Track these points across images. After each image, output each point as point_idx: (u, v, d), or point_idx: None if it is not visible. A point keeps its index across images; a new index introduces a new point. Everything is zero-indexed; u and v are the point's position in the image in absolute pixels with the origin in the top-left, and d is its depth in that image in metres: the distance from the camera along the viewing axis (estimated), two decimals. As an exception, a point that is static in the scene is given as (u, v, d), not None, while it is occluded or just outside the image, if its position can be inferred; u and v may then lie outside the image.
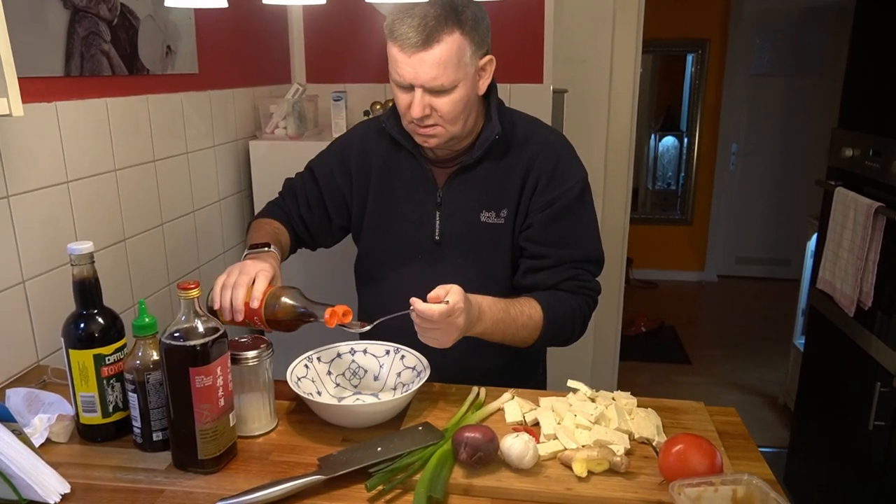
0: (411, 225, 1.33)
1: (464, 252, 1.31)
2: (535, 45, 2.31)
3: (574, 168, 1.31)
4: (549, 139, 1.33)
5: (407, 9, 1.14)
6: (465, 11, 1.14)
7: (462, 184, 1.31)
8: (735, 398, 3.39)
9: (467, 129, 1.27)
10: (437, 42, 1.13)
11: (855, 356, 2.03)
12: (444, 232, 1.32)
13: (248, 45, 2.09)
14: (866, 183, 2.02)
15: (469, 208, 1.31)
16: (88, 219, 1.39)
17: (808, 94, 4.73)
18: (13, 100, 0.87)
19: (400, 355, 1.19)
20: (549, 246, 1.28)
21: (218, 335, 0.93)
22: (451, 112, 1.20)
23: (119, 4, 1.46)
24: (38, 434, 0.99)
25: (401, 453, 0.96)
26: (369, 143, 1.38)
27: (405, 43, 1.14)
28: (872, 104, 2.06)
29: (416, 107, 1.18)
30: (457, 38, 1.14)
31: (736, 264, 5.23)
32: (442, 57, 1.14)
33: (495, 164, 1.29)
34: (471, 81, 1.20)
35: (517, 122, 1.33)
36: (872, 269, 1.88)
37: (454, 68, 1.15)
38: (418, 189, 1.33)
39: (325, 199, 1.41)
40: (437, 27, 1.12)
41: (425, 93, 1.17)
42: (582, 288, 1.30)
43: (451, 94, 1.18)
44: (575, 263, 1.30)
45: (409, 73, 1.16)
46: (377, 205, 1.36)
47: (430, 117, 1.20)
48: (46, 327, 1.28)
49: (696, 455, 0.89)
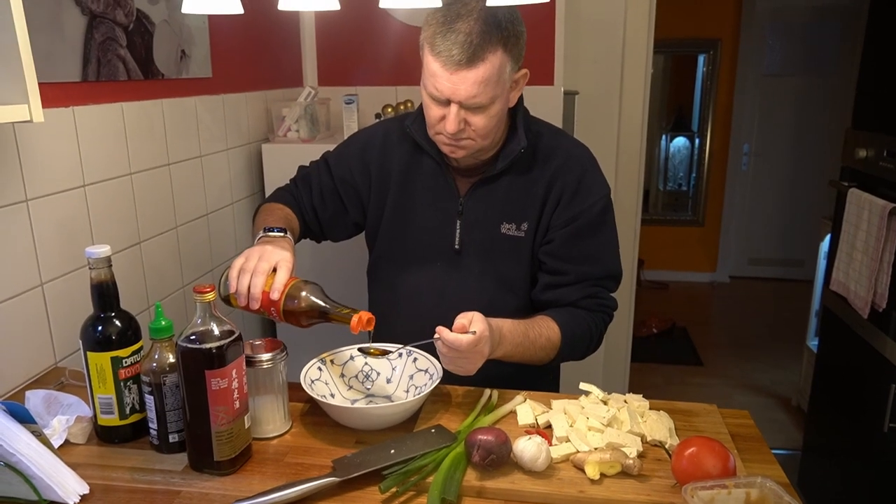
0: (431, 232, 1.32)
1: (483, 262, 1.31)
2: (547, 47, 2.32)
3: (598, 183, 1.30)
4: (574, 152, 1.32)
5: (449, 21, 1.10)
6: (507, 27, 1.12)
7: (484, 194, 1.30)
8: (748, 400, 3.38)
9: (496, 141, 1.26)
10: (481, 61, 1.10)
11: (869, 358, 2.01)
12: (464, 241, 1.31)
13: (260, 49, 2.11)
14: (881, 184, 2.01)
15: (490, 219, 1.30)
16: (105, 222, 1.40)
17: (821, 94, 4.70)
18: (34, 106, 0.88)
19: (412, 358, 1.20)
20: (569, 262, 1.28)
21: (233, 338, 0.94)
22: (486, 127, 1.18)
23: (135, 10, 1.47)
24: (56, 435, 1.01)
25: (414, 455, 0.97)
26: (392, 145, 1.36)
27: (449, 60, 1.10)
28: (886, 104, 2.05)
29: (452, 122, 1.16)
30: (499, 56, 1.12)
31: (748, 265, 5.20)
32: (485, 76, 1.12)
33: (519, 176, 1.28)
34: (506, 96, 1.19)
35: (543, 132, 1.32)
36: (887, 271, 1.87)
37: (494, 86, 1.14)
38: (440, 196, 1.32)
39: (341, 193, 1.39)
40: (482, 45, 1.09)
41: (461, 108, 1.15)
42: (600, 306, 1.31)
43: (487, 109, 1.16)
44: (595, 281, 1.30)
45: (448, 88, 1.13)
46: (396, 208, 1.35)
47: (464, 132, 1.18)
48: (64, 329, 1.29)
49: (708, 458, 0.89)
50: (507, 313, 1.22)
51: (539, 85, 2.33)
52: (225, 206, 1.92)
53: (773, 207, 5.02)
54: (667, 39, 4.31)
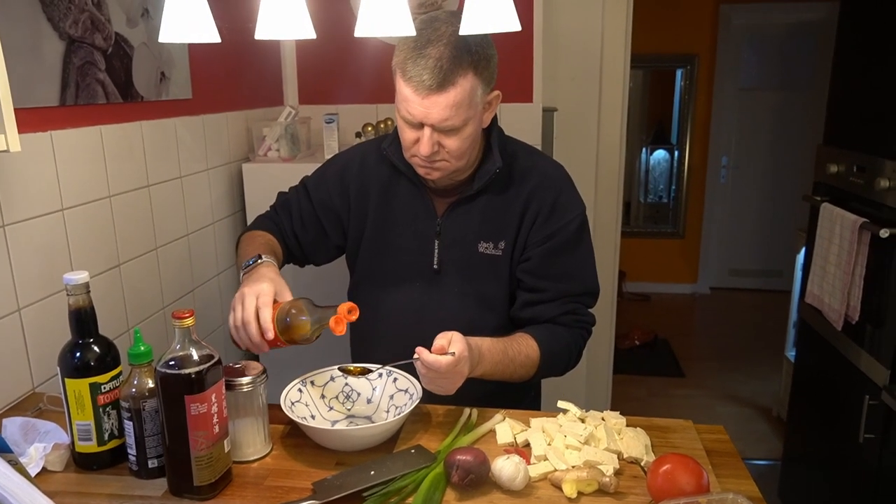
0: (410, 252, 1.34)
1: (462, 281, 1.33)
2: (525, 64, 2.35)
3: (573, 202, 1.32)
4: (549, 172, 1.34)
5: (419, 47, 1.12)
6: (477, 51, 1.14)
7: (462, 214, 1.31)
8: (729, 410, 3.41)
9: (471, 161, 1.28)
10: (452, 85, 1.12)
11: (844, 369, 2.05)
12: (442, 261, 1.33)
13: (241, 70, 2.12)
14: (852, 198, 2.05)
15: (468, 238, 1.32)
16: (83, 245, 1.40)
17: (797, 108, 4.79)
18: (11, 136, 0.89)
19: (392, 378, 1.20)
20: (547, 279, 1.30)
21: (213, 363, 0.94)
22: (459, 149, 1.20)
23: (114, 34, 1.48)
24: (33, 463, 1.00)
25: (394, 476, 0.98)
26: (370, 167, 1.38)
27: (420, 85, 1.12)
28: (856, 121, 2.10)
29: (425, 145, 1.18)
30: (470, 80, 1.14)
31: (728, 276, 5.26)
32: (456, 99, 1.13)
33: (495, 196, 1.30)
34: (479, 118, 1.21)
35: (518, 152, 1.34)
36: (859, 284, 1.91)
37: (466, 109, 1.16)
38: (418, 217, 1.33)
39: (321, 217, 1.40)
40: (452, 69, 1.11)
41: (434, 131, 1.17)
42: (578, 322, 1.33)
43: (460, 132, 1.18)
44: (573, 297, 1.32)
45: (421, 112, 1.15)
46: (375, 230, 1.36)
47: (438, 153, 1.20)
48: (42, 354, 1.29)
49: (683, 475, 0.90)
50: (487, 332, 1.23)
51: (518, 102, 2.36)
52: (206, 225, 1.92)
53: (752, 219, 5.09)
54: (645, 55, 4.38)
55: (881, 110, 1.92)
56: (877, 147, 1.92)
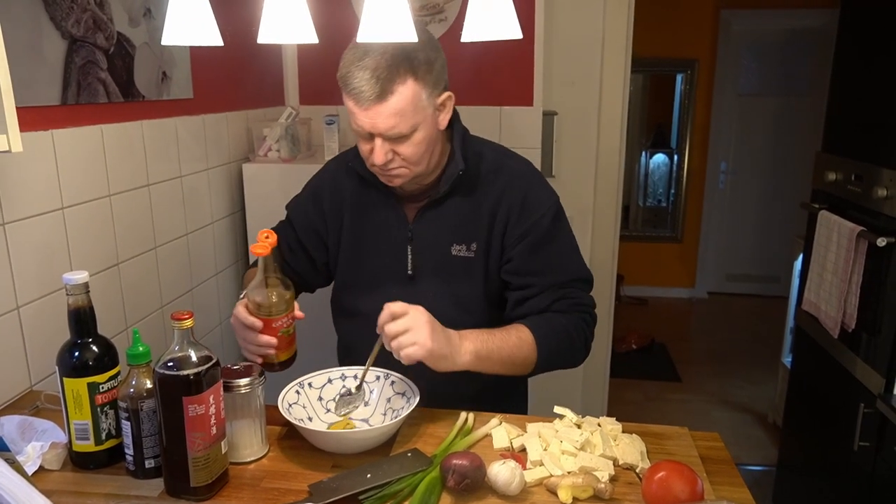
0: (384, 259, 1.34)
1: (437, 285, 1.32)
2: (526, 68, 2.35)
3: (544, 196, 1.32)
4: (517, 170, 1.33)
5: (357, 59, 1.13)
6: (416, 56, 1.13)
7: (432, 218, 1.32)
8: (725, 416, 3.42)
9: (432, 165, 1.27)
10: (391, 94, 1.12)
11: (840, 377, 2.06)
12: (416, 265, 1.33)
13: (242, 70, 2.12)
14: (849, 206, 2.06)
15: (440, 242, 1.32)
16: (83, 244, 1.40)
17: (796, 115, 4.81)
18: (13, 136, 0.89)
19: (390, 381, 1.21)
20: (533, 275, 1.30)
21: (211, 364, 0.95)
22: (415, 154, 1.20)
23: (116, 33, 1.48)
24: (30, 462, 1.00)
25: (390, 480, 0.98)
26: (340, 181, 1.39)
27: (360, 97, 1.13)
28: (854, 129, 2.11)
29: (378, 155, 1.18)
30: (410, 86, 1.13)
31: (726, 281, 5.27)
32: (398, 107, 1.13)
33: (464, 198, 1.30)
34: (430, 121, 1.20)
35: (484, 152, 1.34)
36: (855, 292, 1.92)
37: (411, 115, 1.15)
38: (389, 225, 1.34)
39: (305, 242, 1.41)
40: (389, 78, 1.11)
41: (385, 140, 1.18)
42: (574, 306, 1.31)
43: (411, 138, 1.18)
44: (561, 285, 1.31)
45: (367, 123, 1.16)
46: (351, 240, 1.37)
47: (394, 161, 1.20)
48: (40, 353, 1.29)
49: (677, 482, 0.91)
50: None
51: (518, 106, 2.37)
52: (205, 225, 1.92)
53: (750, 224, 5.10)
54: (645, 59, 4.39)
55: (879, 119, 1.93)
56: (875, 156, 1.93)
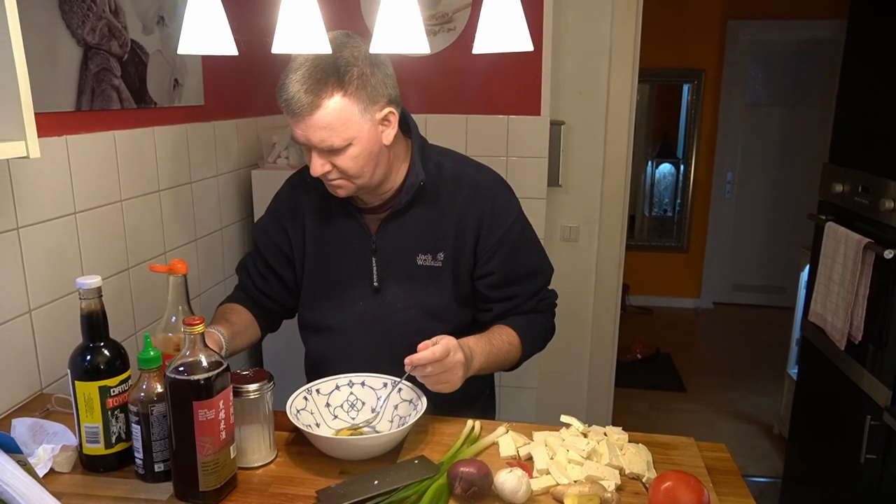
0: (349, 272, 1.33)
1: (404, 295, 1.32)
2: (534, 78, 2.37)
3: (509, 203, 1.34)
4: (480, 178, 1.34)
5: (291, 71, 1.13)
6: (349, 71, 1.12)
7: (395, 229, 1.31)
8: (730, 426, 3.40)
9: (378, 178, 1.25)
10: (318, 108, 1.12)
11: (846, 389, 2.05)
12: (382, 277, 1.32)
13: (252, 77, 2.14)
14: (856, 218, 2.06)
15: (405, 252, 1.31)
16: (94, 249, 1.42)
17: (803, 125, 4.80)
18: (31, 143, 0.90)
19: (398, 388, 1.21)
20: (515, 285, 1.35)
21: (221, 369, 0.96)
22: (352, 168, 1.19)
23: (130, 41, 1.50)
24: (41, 464, 1.01)
25: (397, 487, 0.99)
26: (298, 196, 1.38)
27: (288, 110, 1.14)
28: (862, 141, 2.11)
29: (315, 166, 1.18)
30: (338, 102, 1.12)
31: (732, 291, 5.26)
32: (326, 121, 1.13)
33: (427, 208, 1.30)
34: (368, 136, 1.18)
35: (444, 162, 1.33)
36: (862, 304, 1.91)
37: (343, 129, 1.14)
38: (352, 237, 1.33)
39: (271, 263, 1.39)
40: (316, 92, 1.11)
41: (320, 153, 1.18)
42: (549, 306, 1.43)
43: (346, 151, 1.17)
44: (536, 292, 1.38)
45: (301, 135, 1.16)
46: (314, 255, 1.36)
47: (332, 172, 1.20)
48: (51, 356, 1.30)
49: (684, 492, 0.91)
50: None
51: (526, 115, 2.38)
52: (214, 231, 1.93)
53: (756, 235, 5.10)
54: (652, 69, 4.39)
55: (887, 131, 1.93)
56: (882, 168, 1.93)
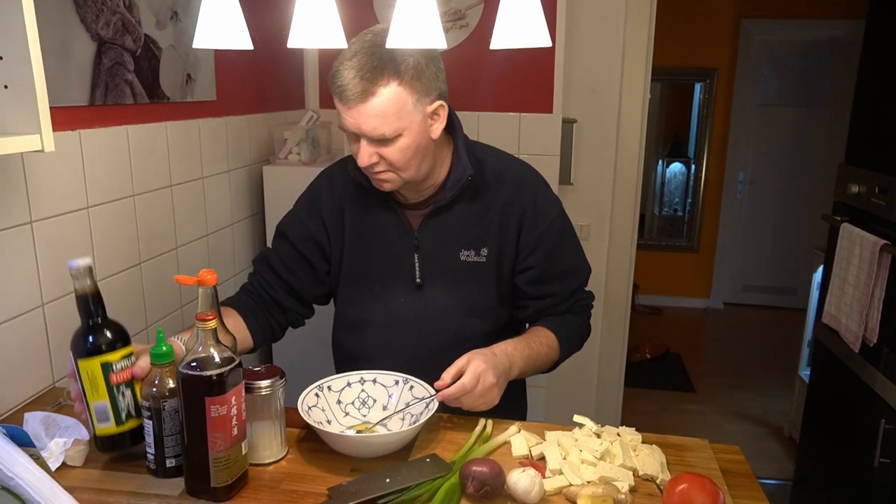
0: (390, 269, 1.33)
1: (446, 292, 1.32)
2: (546, 75, 2.35)
3: (551, 201, 1.35)
4: (522, 175, 1.34)
5: (345, 59, 1.14)
6: (405, 61, 1.12)
7: (438, 225, 1.30)
8: (740, 428, 3.38)
9: (423, 172, 1.24)
10: (372, 95, 1.11)
11: (860, 392, 2.03)
12: (424, 273, 1.32)
13: (264, 73, 2.14)
14: (872, 219, 2.04)
15: (447, 248, 1.31)
16: (106, 243, 1.42)
17: (816, 126, 4.77)
18: (46, 136, 0.90)
19: (409, 386, 1.21)
20: (553, 283, 1.35)
21: (234, 365, 0.95)
22: (400, 160, 1.18)
23: (143, 35, 1.50)
24: (54, 458, 1.01)
25: (409, 485, 0.98)
26: (338, 189, 1.36)
27: (343, 96, 1.13)
28: (879, 142, 2.09)
29: (363, 156, 1.17)
30: (394, 90, 1.12)
31: (742, 292, 5.23)
32: (379, 109, 1.12)
33: (469, 204, 1.30)
34: (418, 129, 1.17)
35: (486, 158, 1.33)
36: (878, 306, 1.89)
37: (395, 118, 1.14)
38: (393, 233, 1.32)
39: (303, 251, 1.36)
40: (372, 80, 1.11)
41: (370, 142, 1.17)
42: (585, 308, 1.43)
43: (396, 142, 1.16)
44: (574, 292, 1.39)
45: (352, 123, 1.15)
46: (353, 251, 1.34)
47: (380, 164, 1.19)
48: (63, 350, 1.30)
49: (699, 495, 0.90)
50: (476, 339, 1.25)
51: (538, 113, 2.37)
52: (225, 226, 1.93)
53: (767, 235, 5.06)
54: (664, 67, 4.37)
55: (905, 132, 1.91)
56: (899, 169, 1.91)
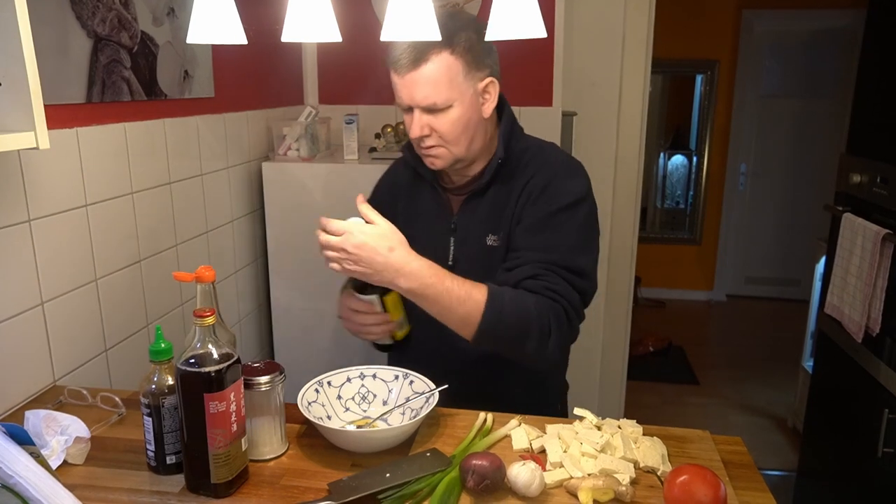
0: (428, 250, 1.31)
1: (474, 275, 1.29)
2: (545, 68, 2.34)
3: (568, 187, 1.28)
4: (551, 160, 1.33)
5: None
6: (458, 34, 1.19)
7: (472, 209, 1.34)
8: (744, 420, 3.38)
9: (473, 151, 1.29)
10: (425, 61, 1.18)
11: (863, 382, 2.02)
12: (456, 257, 1.36)
13: (263, 69, 2.13)
14: (874, 209, 2.02)
15: (478, 233, 1.34)
16: (106, 241, 1.42)
17: (818, 116, 4.75)
18: (40, 134, 0.90)
19: (409, 380, 1.21)
20: (523, 249, 1.26)
21: (232, 361, 0.95)
22: (451, 132, 1.23)
23: (140, 32, 1.50)
24: (55, 456, 1.01)
25: (409, 480, 0.98)
26: (398, 175, 1.47)
27: (397, 65, 1.21)
28: (880, 131, 2.07)
29: (415, 126, 1.23)
30: (445, 58, 1.19)
31: (745, 284, 5.22)
32: (431, 76, 1.19)
33: (500, 188, 1.32)
34: (469, 102, 1.23)
35: (530, 146, 1.35)
36: (880, 296, 1.89)
37: (446, 87, 1.20)
38: (436, 216, 1.38)
39: None
40: (425, 48, 1.18)
41: (423, 113, 1.22)
42: (545, 288, 1.20)
43: (447, 113, 1.22)
44: (544, 264, 1.22)
45: (406, 94, 1.22)
46: (401, 229, 1.36)
47: (431, 137, 1.25)
48: (63, 348, 1.30)
49: (700, 486, 0.90)
50: None
51: (538, 106, 2.36)
52: (224, 223, 1.93)
53: (770, 227, 5.05)
54: (665, 60, 4.35)
55: (907, 121, 1.90)
56: (901, 158, 1.90)
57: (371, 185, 1.48)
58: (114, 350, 1.45)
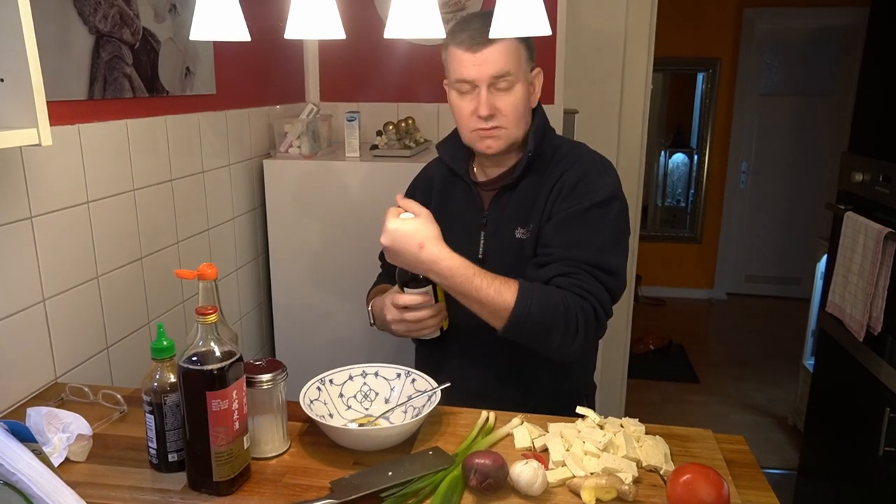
0: (460, 244, 1.33)
1: (504, 269, 1.30)
2: (547, 66, 2.33)
3: (599, 184, 1.30)
4: (583, 158, 1.36)
5: (465, 22, 1.28)
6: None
7: (503, 203, 1.38)
8: (744, 418, 3.38)
9: (519, 138, 1.34)
10: (498, 40, 1.24)
11: (864, 381, 2.02)
12: (486, 250, 1.38)
13: (264, 66, 2.13)
14: (876, 208, 2.02)
15: (507, 226, 1.36)
16: (107, 238, 1.41)
17: (819, 115, 4.74)
18: (43, 130, 0.90)
19: (411, 379, 1.21)
20: (554, 246, 1.27)
21: (234, 359, 0.95)
22: (514, 112, 1.29)
23: (141, 28, 1.49)
24: (57, 453, 1.01)
25: (411, 478, 0.98)
26: (432, 173, 1.52)
27: (470, 41, 1.25)
28: (883, 129, 2.07)
29: (483, 105, 1.27)
30: (512, 41, 1.27)
31: (745, 282, 5.22)
32: (504, 51, 1.25)
33: (530, 183, 1.35)
34: (525, 87, 1.30)
35: (562, 144, 1.40)
36: (882, 295, 1.88)
37: (515, 64, 1.27)
38: (467, 211, 1.42)
39: None
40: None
41: (489, 90, 1.26)
42: (575, 286, 1.22)
43: (511, 92, 1.28)
44: (574, 262, 1.24)
45: (475, 70, 1.26)
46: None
47: (495, 118, 1.28)
48: (64, 345, 1.30)
49: (703, 485, 0.90)
50: None
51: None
52: (226, 221, 1.93)
53: (771, 225, 5.05)
54: (667, 58, 4.34)
55: (909, 120, 1.90)
56: (904, 157, 1.89)
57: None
58: (115, 347, 1.45)
